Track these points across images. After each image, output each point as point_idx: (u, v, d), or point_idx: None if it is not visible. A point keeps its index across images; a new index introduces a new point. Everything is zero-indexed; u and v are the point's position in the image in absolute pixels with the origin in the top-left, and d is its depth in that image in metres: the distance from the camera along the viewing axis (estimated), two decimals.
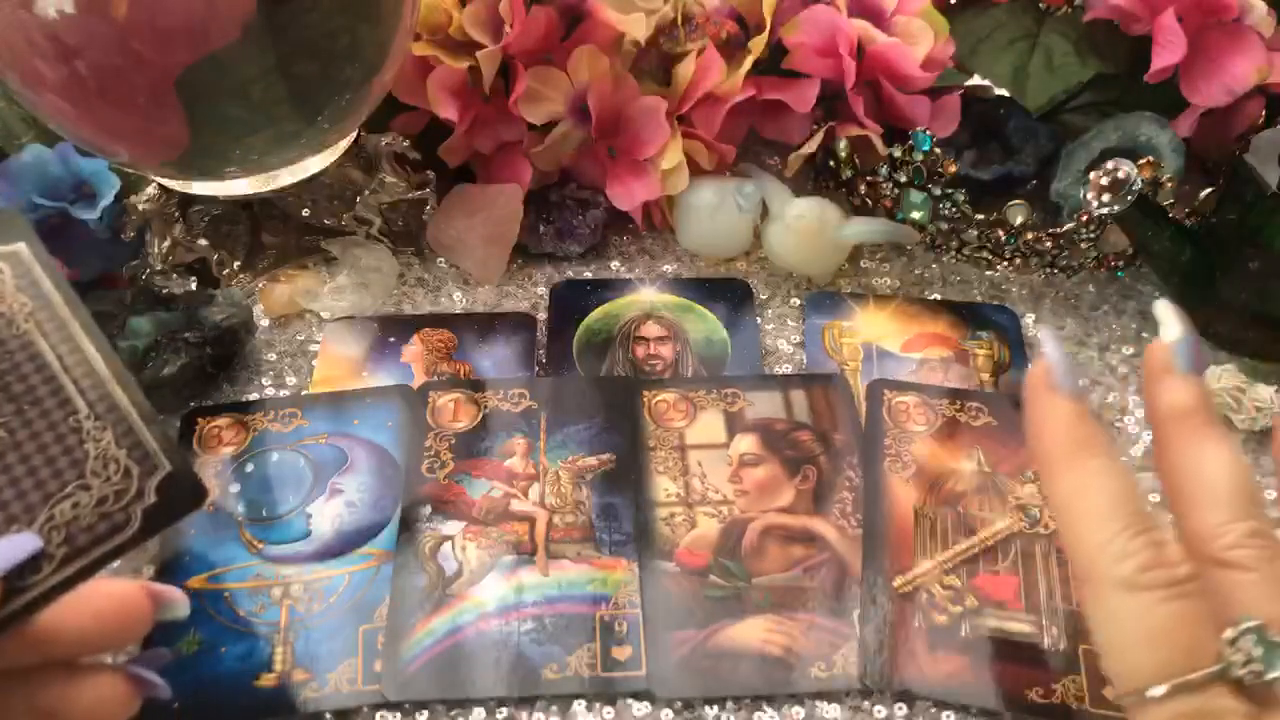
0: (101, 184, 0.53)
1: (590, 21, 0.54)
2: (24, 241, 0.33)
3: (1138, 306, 0.55)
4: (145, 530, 0.31)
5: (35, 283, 0.33)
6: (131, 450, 0.31)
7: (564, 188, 0.57)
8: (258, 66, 0.43)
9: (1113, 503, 0.29)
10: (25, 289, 0.33)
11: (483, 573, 0.42)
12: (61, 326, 0.32)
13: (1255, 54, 0.51)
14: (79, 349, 0.32)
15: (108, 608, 0.32)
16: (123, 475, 0.31)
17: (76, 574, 0.30)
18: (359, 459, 0.46)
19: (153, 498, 0.31)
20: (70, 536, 0.30)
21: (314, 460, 0.46)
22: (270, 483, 0.45)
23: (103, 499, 0.31)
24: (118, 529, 0.31)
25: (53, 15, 0.39)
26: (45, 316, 0.32)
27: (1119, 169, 0.48)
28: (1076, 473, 0.30)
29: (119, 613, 0.32)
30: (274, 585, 0.42)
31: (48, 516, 0.30)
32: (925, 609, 0.41)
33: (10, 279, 0.33)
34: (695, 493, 0.45)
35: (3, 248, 0.33)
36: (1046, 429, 0.31)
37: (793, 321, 0.54)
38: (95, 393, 0.32)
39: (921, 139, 0.53)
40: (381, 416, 0.48)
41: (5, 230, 0.33)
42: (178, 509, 0.32)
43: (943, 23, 0.55)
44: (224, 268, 0.54)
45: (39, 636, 0.30)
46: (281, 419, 0.48)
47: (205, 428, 0.47)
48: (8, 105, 0.55)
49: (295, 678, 0.39)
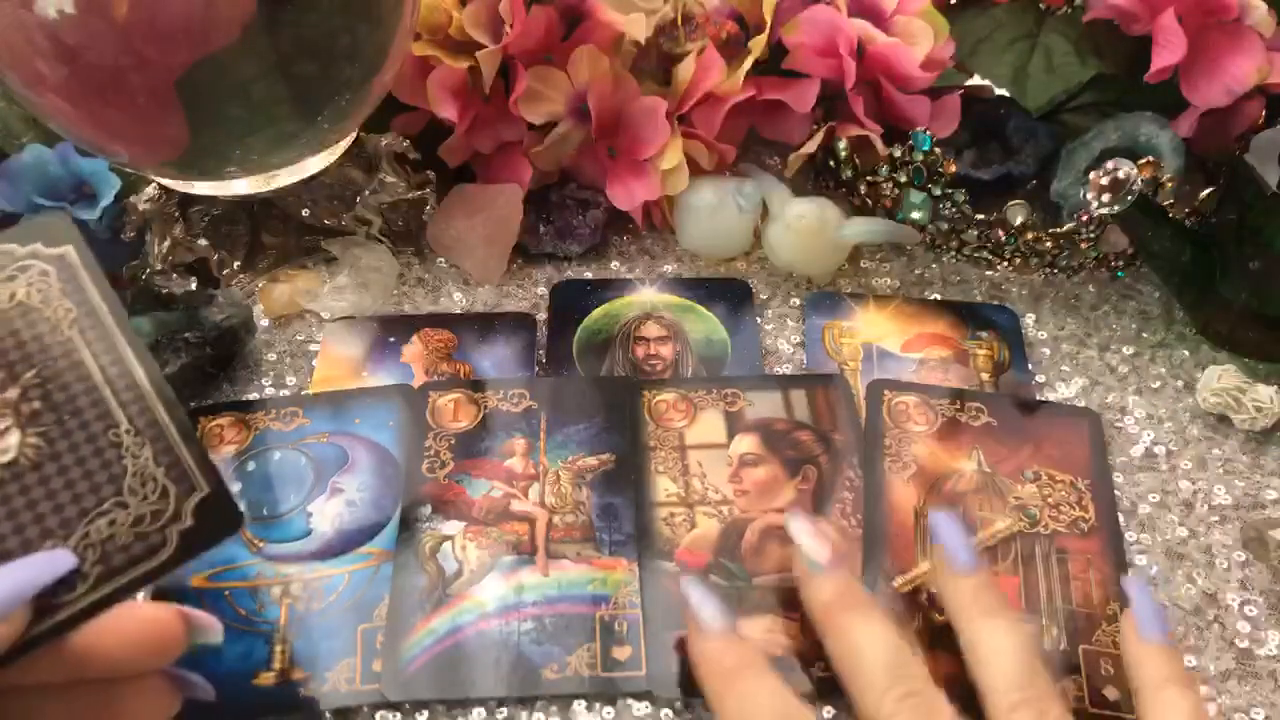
0: (101, 184, 0.53)
1: (590, 21, 0.54)
2: (71, 245, 0.33)
3: (1138, 306, 0.55)
4: (181, 554, 0.30)
5: (81, 288, 0.32)
6: (170, 469, 0.31)
7: (564, 188, 0.57)
8: (258, 66, 0.43)
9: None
10: (70, 294, 0.32)
11: (483, 573, 0.42)
12: (105, 335, 0.32)
13: (1255, 54, 0.51)
14: (121, 359, 0.31)
15: (141, 631, 0.31)
16: (160, 495, 0.31)
17: (110, 595, 0.29)
18: (360, 458, 0.46)
19: (190, 520, 0.30)
20: (105, 556, 0.30)
21: (315, 459, 0.46)
22: (271, 481, 0.45)
23: (139, 518, 0.30)
24: (153, 551, 0.30)
25: (53, 15, 0.39)
26: (89, 324, 0.32)
27: (1119, 169, 0.48)
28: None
29: (152, 637, 0.31)
30: (274, 584, 0.42)
31: (83, 533, 0.30)
32: (925, 609, 0.41)
33: (56, 283, 0.32)
34: (695, 493, 0.45)
35: (50, 250, 0.33)
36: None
37: (793, 322, 0.54)
38: (136, 406, 0.31)
39: (921, 139, 0.53)
40: (382, 416, 0.48)
41: (53, 232, 0.33)
42: (215, 534, 0.31)
43: (943, 23, 0.55)
44: (224, 268, 0.54)
45: (70, 656, 0.30)
46: (283, 418, 0.48)
47: (207, 426, 0.47)
48: (8, 105, 0.55)
49: (294, 676, 0.39)
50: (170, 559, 0.30)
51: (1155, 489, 0.46)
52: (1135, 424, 0.49)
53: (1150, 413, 0.49)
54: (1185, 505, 0.46)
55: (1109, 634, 0.40)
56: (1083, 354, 0.52)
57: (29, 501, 0.30)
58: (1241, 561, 0.44)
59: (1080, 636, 0.40)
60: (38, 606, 0.28)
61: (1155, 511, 0.45)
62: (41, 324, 0.32)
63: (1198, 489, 0.46)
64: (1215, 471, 0.47)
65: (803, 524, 0.39)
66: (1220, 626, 0.42)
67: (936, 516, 0.39)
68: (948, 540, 0.38)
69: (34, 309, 0.32)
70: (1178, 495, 0.46)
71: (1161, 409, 0.50)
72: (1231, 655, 0.41)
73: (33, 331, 0.32)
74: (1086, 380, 0.51)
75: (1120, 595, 0.38)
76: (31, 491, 0.30)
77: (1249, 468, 0.47)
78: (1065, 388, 0.50)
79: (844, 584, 0.37)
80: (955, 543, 0.37)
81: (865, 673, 0.34)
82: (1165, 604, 0.42)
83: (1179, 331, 0.53)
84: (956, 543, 0.37)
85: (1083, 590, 0.41)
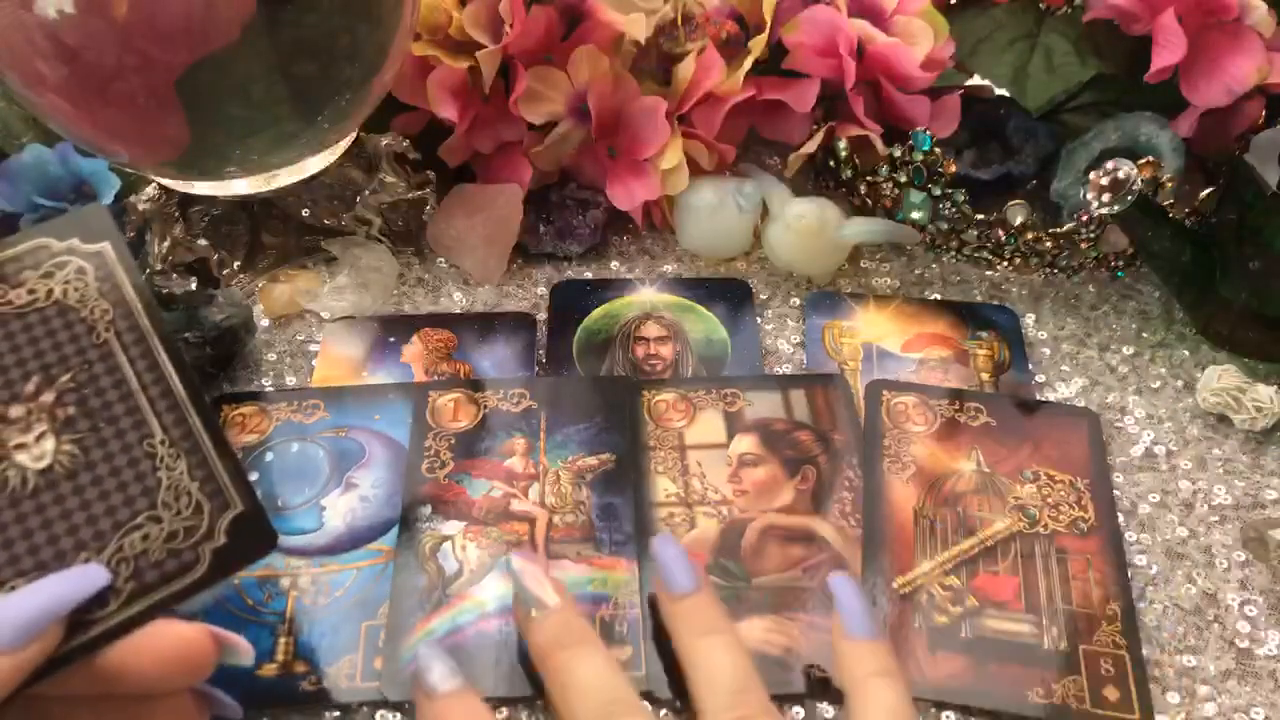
0: (101, 184, 0.53)
1: (590, 21, 0.54)
2: (109, 240, 0.32)
3: (1138, 306, 0.55)
4: (214, 573, 0.29)
5: (117, 286, 0.31)
6: (204, 484, 0.30)
7: (564, 188, 0.57)
8: (258, 66, 0.43)
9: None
10: (107, 294, 0.31)
11: (483, 573, 0.42)
12: (141, 339, 0.31)
13: (1255, 54, 0.51)
14: (156, 365, 0.30)
15: (173, 651, 0.31)
16: (194, 510, 0.30)
17: (142, 613, 0.29)
18: (376, 454, 0.46)
19: (223, 539, 0.29)
20: (138, 571, 0.29)
21: (332, 453, 0.46)
22: (287, 473, 0.46)
23: (173, 534, 0.29)
24: (186, 568, 0.29)
25: (53, 15, 0.39)
26: (125, 326, 0.31)
27: (1119, 169, 0.48)
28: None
29: (184, 657, 0.31)
30: (283, 575, 0.42)
31: (117, 547, 0.29)
32: (925, 610, 0.41)
33: (93, 281, 0.31)
34: (695, 493, 0.45)
35: (88, 246, 0.31)
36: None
37: (793, 321, 0.54)
38: (171, 416, 0.30)
39: (921, 139, 0.53)
40: (401, 413, 0.48)
41: (91, 226, 0.31)
42: (249, 553, 0.30)
43: (943, 23, 0.55)
44: (224, 268, 0.54)
45: (100, 674, 0.29)
46: (304, 410, 0.48)
47: (230, 415, 0.48)
48: (8, 105, 0.55)
49: (296, 669, 0.39)
50: (203, 578, 0.29)
51: (1155, 489, 0.46)
52: (1135, 424, 0.49)
53: (1150, 413, 0.49)
54: (1185, 505, 0.46)
55: (1109, 634, 0.40)
56: (1083, 354, 0.52)
57: (64, 511, 0.29)
58: (1241, 561, 0.44)
59: (1080, 637, 0.40)
60: (70, 622, 0.28)
61: (1155, 511, 0.45)
62: (78, 325, 0.31)
63: (1198, 489, 0.46)
64: (1215, 471, 0.47)
65: (522, 564, 0.37)
66: (1220, 626, 0.42)
67: (655, 541, 0.38)
68: (665, 563, 0.37)
69: (71, 309, 0.31)
70: (1178, 495, 0.46)
71: (1161, 409, 0.50)
72: (1231, 655, 0.41)
73: (70, 333, 0.31)
74: (1086, 380, 0.51)
75: (827, 592, 0.37)
76: (66, 501, 0.29)
77: (1249, 468, 0.47)
78: (1065, 388, 0.50)
79: (562, 622, 0.36)
80: (673, 565, 0.37)
81: (580, 704, 0.33)
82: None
83: (1179, 331, 0.53)
84: (674, 565, 0.37)
85: (1082, 590, 0.41)
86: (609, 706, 0.33)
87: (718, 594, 0.38)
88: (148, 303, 0.31)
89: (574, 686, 0.34)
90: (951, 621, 0.40)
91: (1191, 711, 0.39)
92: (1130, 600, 0.41)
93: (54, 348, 0.31)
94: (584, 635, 0.35)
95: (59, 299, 0.31)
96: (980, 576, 0.42)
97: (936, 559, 0.42)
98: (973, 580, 0.42)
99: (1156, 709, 0.39)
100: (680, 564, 0.37)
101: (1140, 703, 0.38)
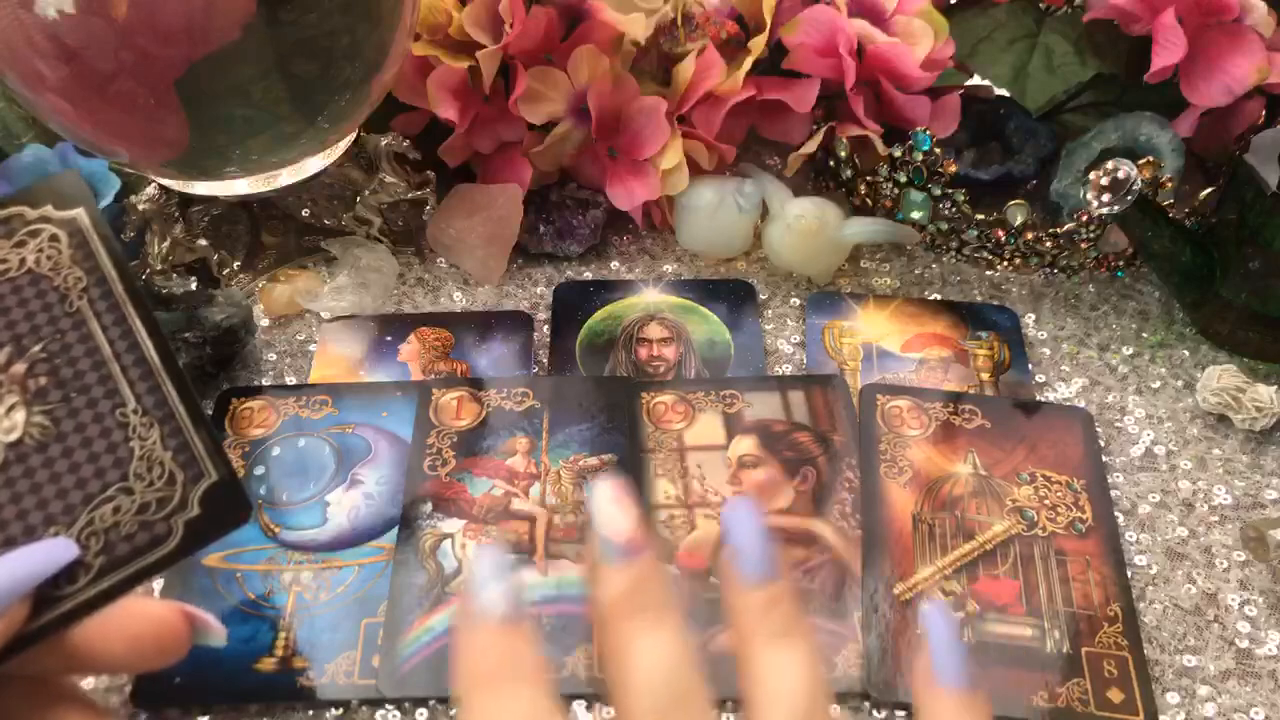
0: (101, 184, 0.53)
1: (590, 21, 0.54)
2: (83, 206, 0.31)
3: (1138, 306, 0.55)
4: (186, 545, 0.29)
5: (91, 254, 0.30)
6: (178, 453, 0.29)
7: (564, 188, 0.57)
8: (258, 66, 0.43)
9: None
10: (81, 261, 0.30)
11: None
12: (115, 307, 0.30)
13: (1255, 54, 0.51)
14: (130, 333, 0.30)
15: (144, 630, 0.30)
16: (167, 481, 0.29)
17: (113, 588, 0.28)
18: (382, 451, 0.46)
19: (196, 509, 0.29)
20: (109, 545, 0.28)
21: (339, 449, 0.46)
22: (293, 468, 0.46)
23: (145, 506, 0.29)
24: (158, 541, 0.28)
25: (53, 15, 0.39)
26: (99, 294, 0.30)
27: (1119, 169, 0.48)
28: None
29: (155, 637, 0.30)
30: (285, 570, 0.42)
31: (87, 520, 0.28)
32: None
33: (66, 249, 0.30)
34: (694, 494, 0.45)
35: (61, 214, 0.31)
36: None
37: (793, 322, 0.53)
38: (144, 384, 0.29)
39: (921, 139, 0.53)
40: (408, 411, 0.48)
41: (66, 194, 0.31)
42: (222, 524, 0.29)
43: (943, 23, 0.55)
44: (224, 268, 0.54)
45: (70, 653, 0.29)
46: (312, 405, 0.48)
47: (238, 408, 0.48)
48: (8, 105, 0.55)
49: (295, 664, 0.39)
50: (175, 550, 0.28)
51: (1155, 489, 0.46)
52: (1135, 424, 0.49)
53: (1150, 413, 0.49)
54: (1185, 505, 0.46)
55: (1111, 635, 0.40)
56: (1082, 354, 0.52)
57: (33, 485, 0.28)
58: (1241, 561, 0.44)
59: (1082, 639, 0.40)
60: (37, 598, 0.27)
61: (1155, 511, 0.45)
62: (51, 294, 0.30)
63: (1197, 489, 0.46)
64: (1215, 471, 0.47)
65: (608, 490, 0.28)
66: (1220, 626, 0.42)
67: (729, 509, 0.29)
68: (741, 543, 0.28)
69: (44, 277, 0.30)
70: (1177, 495, 0.46)
71: (1161, 409, 0.49)
72: (1231, 655, 0.41)
73: (42, 302, 0.30)
74: (1086, 380, 0.51)
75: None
76: (36, 474, 0.28)
77: (1249, 468, 0.47)
78: (1065, 388, 0.50)
79: (638, 579, 0.27)
80: (750, 545, 0.28)
81: (635, 693, 0.26)
82: (1164, 604, 0.42)
83: (1179, 331, 0.53)
84: (752, 545, 0.28)
85: (1083, 591, 0.41)
86: (672, 706, 0.25)
87: (718, 596, 0.38)
88: (122, 269, 0.30)
89: (636, 667, 0.26)
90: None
91: (1191, 711, 0.39)
92: (1131, 601, 0.41)
93: (26, 317, 0.30)
94: (661, 604, 0.27)
95: (31, 268, 0.30)
96: (981, 580, 0.42)
97: (936, 564, 0.42)
98: (973, 584, 0.42)
99: (1157, 709, 0.39)
100: (760, 544, 0.28)
101: (1144, 704, 0.38)
